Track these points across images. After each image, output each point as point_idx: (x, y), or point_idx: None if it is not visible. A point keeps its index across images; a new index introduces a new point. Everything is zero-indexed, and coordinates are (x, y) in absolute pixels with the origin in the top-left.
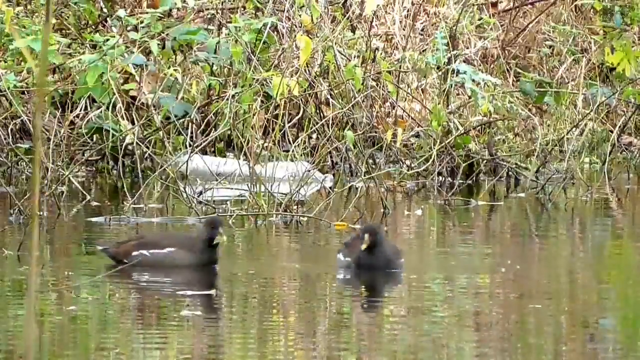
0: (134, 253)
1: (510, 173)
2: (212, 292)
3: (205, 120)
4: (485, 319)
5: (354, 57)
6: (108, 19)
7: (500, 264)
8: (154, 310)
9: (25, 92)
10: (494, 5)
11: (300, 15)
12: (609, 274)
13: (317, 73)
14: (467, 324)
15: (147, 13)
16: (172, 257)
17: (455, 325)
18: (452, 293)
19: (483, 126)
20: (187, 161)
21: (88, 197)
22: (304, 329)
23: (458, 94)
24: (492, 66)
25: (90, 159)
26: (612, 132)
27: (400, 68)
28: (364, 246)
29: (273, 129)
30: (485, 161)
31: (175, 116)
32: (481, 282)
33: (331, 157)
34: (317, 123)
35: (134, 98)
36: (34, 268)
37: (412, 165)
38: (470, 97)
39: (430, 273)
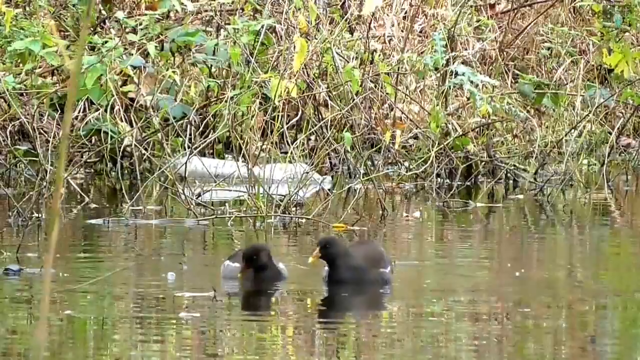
0: None
1: (508, 175)
2: (211, 293)
3: (204, 122)
4: (483, 321)
5: (352, 59)
6: (106, 20)
7: (499, 266)
8: (152, 312)
9: (24, 94)
10: (492, 6)
11: (297, 17)
12: (607, 276)
13: (316, 75)
14: (465, 325)
15: (145, 15)
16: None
17: (452, 328)
18: (449, 296)
19: (481, 128)
20: (185, 163)
21: (87, 199)
22: (303, 330)
23: (456, 96)
24: (490, 68)
25: (88, 160)
26: (610, 133)
27: (398, 70)
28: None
29: (271, 131)
30: (483, 163)
31: (174, 118)
32: (479, 284)
33: (330, 158)
34: (315, 125)
35: (132, 100)
36: (49, 269)
37: (411, 166)
38: (468, 99)
39: (428, 275)
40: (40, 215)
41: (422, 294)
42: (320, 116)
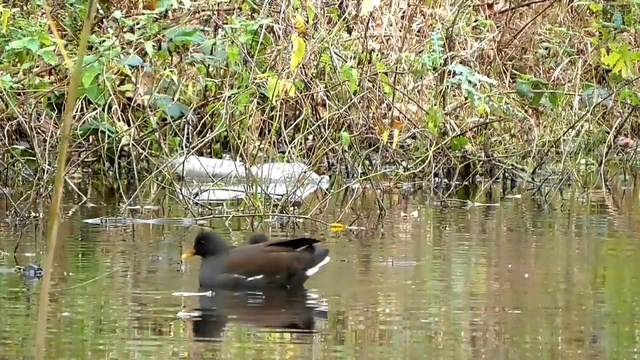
0: None
1: (506, 174)
2: (208, 293)
3: (202, 122)
4: (483, 321)
5: (350, 59)
6: (104, 20)
7: (496, 266)
8: (150, 312)
9: (22, 93)
10: (490, 6)
11: (295, 17)
12: (605, 276)
13: (314, 74)
14: (464, 325)
15: (143, 14)
16: None
17: (451, 330)
18: (448, 296)
19: (479, 127)
20: (183, 162)
21: (84, 199)
22: (301, 330)
23: (454, 95)
24: (488, 67)
25: (86, 160)
26: (608, 133)
27: (396, 69)
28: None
29: (269, 130)
30: (481, 162)
31: (172, 117)
32: (478, 283)
33: (327, 158)
34: (313, 124)
35: (130, 99)
36: (49, 269)
37: (409, 166)
38: (466, 99)
39: (427, 275)
40: (37, 215)
41: (421, 294)
42: (318, 116)
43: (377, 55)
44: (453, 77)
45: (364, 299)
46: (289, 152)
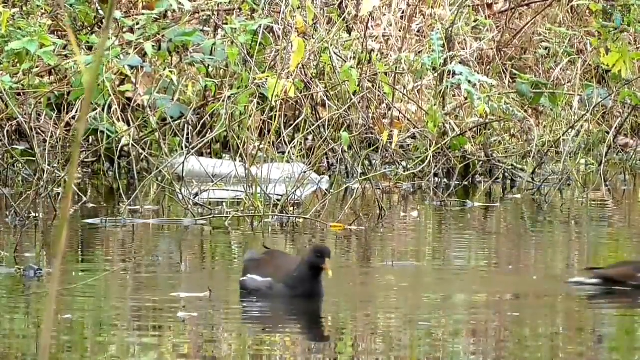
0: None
1: (506, 174)
2: (207, 293)
3: (202, 122)
4: (483, 321)
5: (350, 59)
6: (104, 20)
7: (497, 266)
8: (149, 312)
9: (21, 94)
10: (490, 6)
11: (294, 17)
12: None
13: (313, 74)
14: (464, 326)
15: (143, 14)
16: None
17: (451, 333)
18: (449, 296)
19: (479, 127)
20: (183, 162)
21: (84, 199)
22: (301, 330)
23: (454, 95)
24: (488, 67)
25: (86, 160)
26: (608, 133)
27: (396, 69)
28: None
29: (269, 131)
30: (481, 162)
31: (171, 117)
32: (478, 283)
33: (327, 158)
34: (313, 124)
35: (129, 99)
36: (57, 271)
37: (408, 166)
38: (466, 99)
39: (427, 275)
40: (37, 215)
41: (420, 294)
42: (317, 116)
43: (377, 55)
44: (453, 77)
45: (364, 300)
46: (289, 152)
